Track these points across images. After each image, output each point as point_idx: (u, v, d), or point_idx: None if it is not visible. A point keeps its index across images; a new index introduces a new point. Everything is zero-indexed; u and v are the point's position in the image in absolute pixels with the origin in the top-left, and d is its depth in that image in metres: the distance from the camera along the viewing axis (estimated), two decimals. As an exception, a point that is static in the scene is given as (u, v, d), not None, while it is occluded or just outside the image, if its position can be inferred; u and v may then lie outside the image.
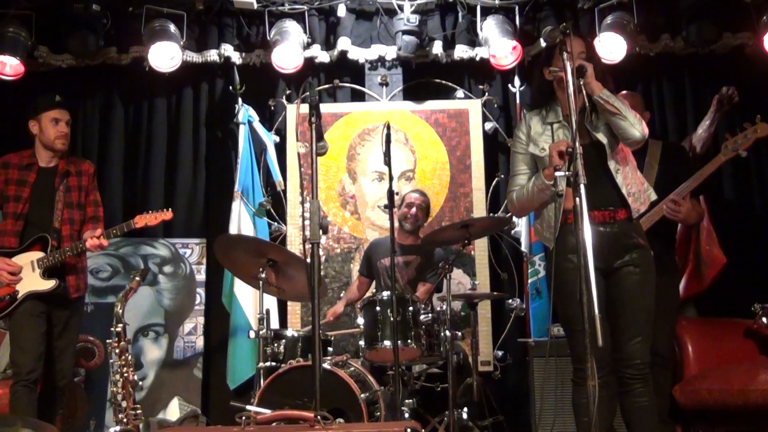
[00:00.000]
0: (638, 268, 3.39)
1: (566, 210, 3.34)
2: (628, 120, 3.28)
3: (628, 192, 3.38)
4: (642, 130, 3.31)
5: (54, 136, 4.51)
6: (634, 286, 3.37)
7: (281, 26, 6.02)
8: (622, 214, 3.39)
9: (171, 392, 5.87)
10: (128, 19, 6.08)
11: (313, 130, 3.22)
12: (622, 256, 3.39)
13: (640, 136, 3.32)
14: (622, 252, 3.39)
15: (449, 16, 6.30)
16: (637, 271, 3.38)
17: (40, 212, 4.49)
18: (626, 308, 3.37)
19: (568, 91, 2.93)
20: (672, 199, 4.27)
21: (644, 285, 3.39)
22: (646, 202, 3.48)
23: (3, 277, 4.31)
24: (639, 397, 3.35)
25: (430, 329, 4.56)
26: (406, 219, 5.43)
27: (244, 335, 5.66)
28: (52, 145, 4.53)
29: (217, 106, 6.47)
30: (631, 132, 3.29)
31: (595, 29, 5.95)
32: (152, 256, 6.12)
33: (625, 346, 3.35)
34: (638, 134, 3.31)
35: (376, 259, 5.46)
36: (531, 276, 5.93)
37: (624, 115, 3.27)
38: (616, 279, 3.40)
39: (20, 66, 5.90)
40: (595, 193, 3.28)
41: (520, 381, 5.72)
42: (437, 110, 6.32)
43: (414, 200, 5.48)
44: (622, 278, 3.39)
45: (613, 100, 3.30)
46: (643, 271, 3.40)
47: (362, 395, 4.10)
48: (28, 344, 4.31)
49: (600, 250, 3.23)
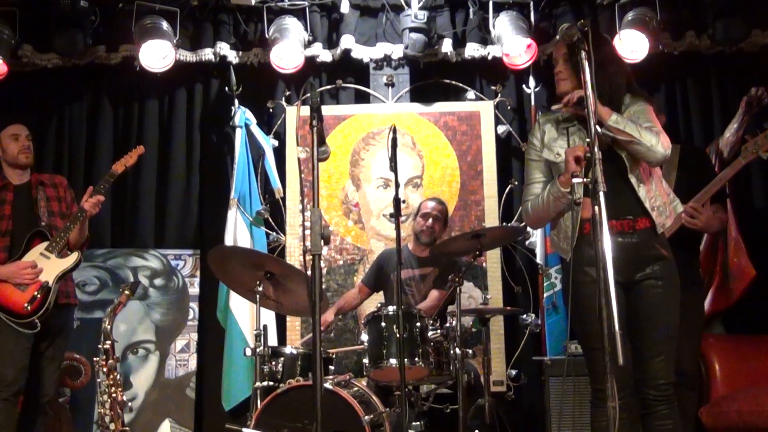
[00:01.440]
0: (661, 281, 3.36)
1: (583, 219, 3.34)
2: (643, 144, 3.22)
3: (652, 206, 3.36)
4: (662, 149, 3.26)
5: (17, 150, 4.69)
6: (657, 301, 3.35)
7: (281, 23, 6.03)
8: (642, 224, 3.37)
9: (162, 414, 5.87)
10: (118, 16, 6.12)
11: (315, 133, 3.23)
12: (643, 269, 3.36)
13: (662, 157, 3.28)
14: (642, 264, 3.36)
15: (459, 12, 6.31)
16: (659, 284, 3.35)
17: (24, 225, 4.61)
18: (648, 324, 3.34)
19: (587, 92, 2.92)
20: (690, 206, 4.25)
21: (667, 299, 3.37)
22: (672, 215, 3.45)
23: (26, 276, 4.43)
24: (663, 419, 3.32)
25: (439, 347, 4.55)
26: (422, 231, 5.40)
27: (239, 353, 5.62)
28: (16, 160, 4.70)
29: (212, 108, 6.48)
30: (649, 156, 3.26)
31: (616, 26, 5.96)
32: (142, 268, 6.13)
33: (647, 366, 3.33)
34: (659, 156, 3.27)
35: (390, 270, 5.43)
36: (547, 290, 5.93)
37: (638, 140, 3.22)
38: (637, 293, 3.37)
39: (3, 66, 5.92)
40: (613, 201, 3.26)
41: (535, 402, 5.71)
42: (447, 113, 6.33)
43: (430, 210, 5.45)
44: (643, 292, 3.36)
45: (623, 125, 3.23)
46: (666, 285, 3.37)
47: (366, 417, 4.09)
48: (11, 354, 4.38)
49: (619, 262, 3.21)
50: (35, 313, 4.39)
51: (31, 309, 4.40)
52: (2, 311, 4.41)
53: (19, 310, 4.39)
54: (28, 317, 4.39)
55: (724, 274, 5.28)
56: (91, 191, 4.62)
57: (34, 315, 4.39)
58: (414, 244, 5.48)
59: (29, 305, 4.40)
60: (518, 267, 6.16)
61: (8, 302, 4.41)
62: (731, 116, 5.19)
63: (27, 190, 4.70)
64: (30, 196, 4.68)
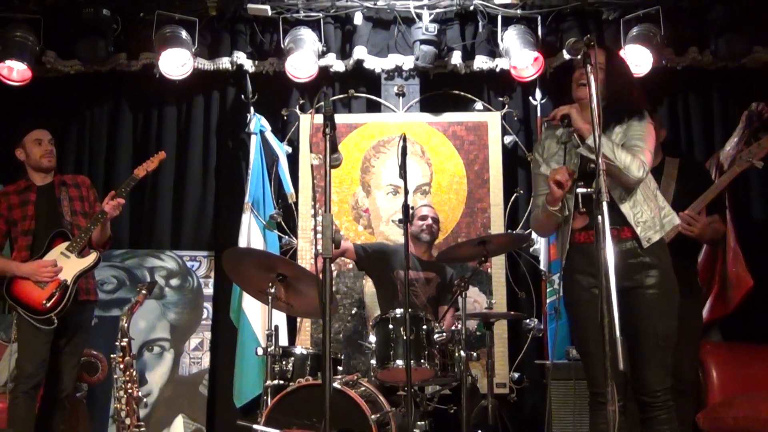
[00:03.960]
0: (651, 289, 3.34)
1: (575, 229, 3.37)
2: (615, 165, 3.20)
3: (636, 221, 3.33)
4: (635, 171, 3.23)
5: (40, 154, 4.74)
6: (646, 310, 3.33)
7: (296, 34, 6.05)
8: (627, 234, 3.36)
9: (176, 409, 5.88)
10: (139, 25, 6.14)
11: (327, 141, 3.23)
12: (631, 277, 3.34)
13: (635, 179, 3.26)
14: (631, 272, 3.33)
15: (469, 25, 6.30)
16: (649, 293, 3.33)
17: (46, 225, 4.66)
18: (638, 333, 3.33)
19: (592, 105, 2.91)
20: (687, 214, 4.24)
21: (658, 307, 3.34)
22: (663, 228, 3.40)
23: (45, 274, 4.47)
24: (661, 425, 3.31)
25: (445, 349, 4.55)
26: (422, 231, 5.44)
27: (251, 352, 5.63)
28: (39, 164, 4.75)
29: (229, 115, 6.50)
30: (622, 178, 3.26)
31: (620, 41, 5.95)
32: (159, 268, 6.15)
33: (640, 374, 3.32)
34: (632, 178, 3.25)
35: (395, 266, 5.43)
36: (550, 296, 5.91)
37: (611, 161, 3.18)
38: (627, 301, 3.31)
39: (27, 71, 5.94)
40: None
41: (537, 404, 5.71)
42: (455, 122, 6.33)
43: (427, 212, 5.53)
44: (634, 300, 3.33)
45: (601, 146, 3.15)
46: (659, 293, 3.34)
47: (373, 416, 4.09)
48: (31, 349, 4.43)
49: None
50: (53, 310, 4.42)
51: (50, 306, 4.43)
52: (22, 307, 4.45)
53: (38, 307, 4.42)
54: (45, 314, 4.42)
55: (723, 283, 5.26)
56: (113, 194, 4.66)
57: (52, 312, 4.42)
58: (415, 247, 5.48)
59: (47, 302, 4.43)
60: (522, 273, 6.15)
61: (28, 298, 4.45)
62: (732, 130, 5.18)
63: (50, 190, 4.74)
64: (53, 197, 4.71)
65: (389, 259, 5.49)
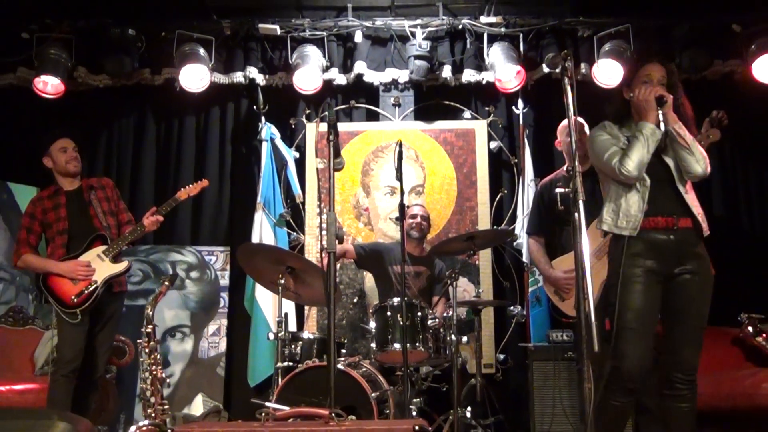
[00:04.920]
0: (697, 276, 3.31)
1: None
2: (694, 156, 3.24)
3: (697, 212, 3.33)
4: (705, 167, 3.27)
5: (65, 161, 4.70)
6: (692, 294, 3.30)
7: (302, 51, 6.05)
8: (684, 223, 3.33)
9: (195, 389, 5.88)
10: (161, 43, 6.13)
11: (331, 147, 3.23)
12: (682, 263, 3.31)
13: (702, 173, 3.28)
14: (682, 259, 3.31)
15: (458, 42, 6.30)
16: (695, 279, 3.30)
17: (79, 224, 4.64)
18: (682, 315, 3.30)
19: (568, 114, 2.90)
20: None
21: (701, 293, 3.32)
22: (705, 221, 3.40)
23: (81, 273, 4.46)
24: (684, 402, 3.29)
25: (437, 333, 4.56)
26: (412, 228, 5.43)
27: (263, 337, 5.66)
28: (65, 169, 4.71)
29: (242, 124, 6.49)
30: (694, 167, 3.26)
31: (594, 56, 5.96)
32: (180, 262, 6.14)
33: (678, 351, 3.28)
34: (700, 170, 3.27)
35: (388, 263, 5.43)
36: (531, 285, 5.91)
37: (692, 150, 3.24)
38: (674, 285, 3.32)
39: (61, 85, 5.95)
40: (659, 201, 3.29)
41: (521, 383, 5.70)
42: (446, 130, 6.33)
43: (417, 211, 5.52)
44: (680, 285, 3.31)
45: (684, 133, 3.25)
46: (702, 280, 3.32)
47: (373, 394, 4.09)
48: (70, 337, 4.42)
49: (660, 256, 3.21)
50: (79, 306, 4.42)
51: (78, 302, 4.43)
52: (53, 298, 4.45)
53: (67, 301, 4.43)
54: (72, 308, 4.41)
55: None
56: (153, 211, 4.66)
57: (78, 307, 4.41)
58: (407, 243, 5.46)
59: (76, 298, 4.43)
60: (507, 265, 6.15)
61: (60, 291, 4.45)
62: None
63: (79, 194, 4.72)
64: (82, 199, 4.70)
65: (384, 255, 5.49)
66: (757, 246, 6.01)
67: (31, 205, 4.71)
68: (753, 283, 5.66)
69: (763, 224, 6.23)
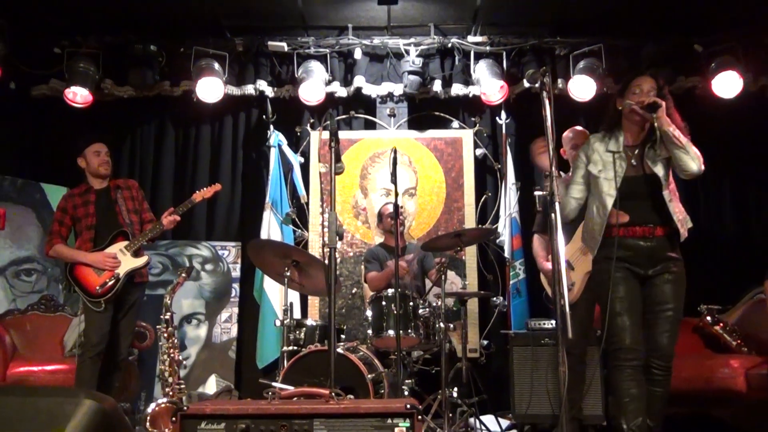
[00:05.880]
0: (671, 275, 3.31)
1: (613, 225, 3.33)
2: (689, 154, 3.22)
3: (677, 219, 3.31)
4: (700, 165, 3.25)
5: (98, 164, 4.69)
6: (667, 290, 3.30)
7: (307, 66, 6.05)
8: (660, 231, 3.32)
9: (209, 370, 5.87)
10: (180, 58, 6.13)
11: (332, 153, 3.23)
12: (656, 266, 3.31)
13: (697, 170, 3.26)
14: (657, 262, 3.31)
15: (447, 59, 6.31)
16: (670, 278, 3.30)
17: (105, 220, 4.63)
18: (659, 307, 3.29)
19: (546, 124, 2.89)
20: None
21: (676, 290, 3.31)
22: (686, 226, 3.38)
23: (108, 264, 4.46)
24: (657, 386, 3.30)
25: (427, 321, 4.56)
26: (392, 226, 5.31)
27: (271, 324, 5.66)
28: (97, 171, 4.70)
29: (253, 131, 6.49)
30: (690, 165, 3.23)
31: (570, 72, 5.96)
32: (196, 256, 6.13)
33: (657, 339, 3.27)
34: (695, 168, 3.24)
35: (382, 260, 5.43)
36: (512, 278, 5.92)
37: (687, 150, 3.21)
38: (652, 284, 3.33)
39: (89, 96, 5.95)
40: (638, 212, 3.30)
41: (502, 366, 5.70)
42: (436, 138, 6.33)
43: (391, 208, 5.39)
44: (657, 283, 3.31)
45: (679, 134, 3.23)
46: (676, 279, 3.32)
47: (369, 376, 4.10)
48: (97, 323, 4.42)
49: (638, 260, 3.23)
50: (103, 296, 4.41)
51: (101, 292, 4.42)
52: (79, 287, 4.45)
53: (91, 290, 4.42)
54: (97, 298, 4.41)
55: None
56: (171, 211, 4.65)
57: (102, 297, 4.41)
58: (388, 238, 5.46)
59: (100, 288, 4.42)
60: (490, 260, 6.15)
61: (85, 281, 4.45)
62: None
63: (107, 193, 4.71)
64: (109, 198, 4.68)
65: (379, 257, 5.48)
66: (714, 244, 6.02)
67: (63, 200, 4.70)
68: (711, 277, 5.67)
69: (720, 224, 6.25)
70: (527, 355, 5.17)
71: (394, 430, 2.16)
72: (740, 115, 6.00)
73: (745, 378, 4.13)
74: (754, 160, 6.26)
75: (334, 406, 2.21)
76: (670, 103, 3.40)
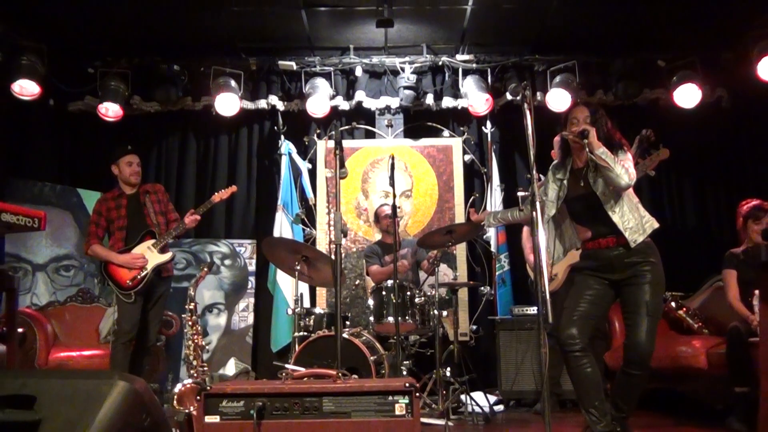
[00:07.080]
0: (642, 277, 3.20)
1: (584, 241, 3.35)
2: (614, 172, 3.13)
3: (624, 227, 3.22)
4: (627, 179, 3.15)
5: (129, 173, 4.70)
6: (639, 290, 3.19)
7: (313, 82, 6.05)
8: (620, 241, 3.23)
9: (229, 354, 5.87)
10: (200, 76, 6.13)
11: (337, 159, 3.22)
12: (625, 271, 3.23)
13: (625, 185, 3.16)
14: (625, 268, 3.22)
15: (438, 75, 6.31)
16: (642, 280, 3.19)
17: (135, 222, 4.63)
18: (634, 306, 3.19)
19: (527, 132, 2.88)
20: None
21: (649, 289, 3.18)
22: (646, 231, 3.27)
23: (137, 263, 4.47)
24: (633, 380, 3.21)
25: (423, 309, 4.55)
26: (389, 225, 5.23)
27: (283, 312, 5.67)
28: (128, 180, 4.71)
29: (266, 141, 6.48)
30: (618, 181, 3.15)
31: (547, 86, 5.96)
32: (216, 252, 6.13)
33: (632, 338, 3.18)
34: (623, 183, 3.15)
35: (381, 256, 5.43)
36: (498, 270, 5.92)
37: (612, 168, 3.13)
38: (625, 286, 3.24)
39: (119, 110, 5.95)
40: (594, 227, 3.27)
41: (489, 348, 5.71)
42: (429, 146, 6.32)
43: (388, 210, 5.27)
44: (630, 285, 3.22)
45: (606, 156, 3.14)
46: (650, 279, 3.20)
47: (372, 358, 4.10)
48: (128, 313, 4.43)
49: (607, 268, 3.23)
50: (133, 289, 4.42)
51: (132, 285, 4.43)
52: (113, 282, 4.45)
53: (123, 284, 4.44)
54: (127, 290, 4.41)
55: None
56: (192, 212, 4.66)
57: (132, 290, 4.41)
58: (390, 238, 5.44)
59: (131, 282, 4.43)
60: (478, 253, 6.15)
61: (117, 276, 4.46)
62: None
63: (137, 197, 4.71)
64: (139, 202, 4.69)
65: (379, 254, 5.47)
66: (678, 237, 6.02)
67: (98, 204, 4.70)
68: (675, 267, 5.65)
69: (682, 220, 6.26)
70: (512, 338, 5.19)
71: (395, 406, 2.15)
72: (699, 123, 6.01)
73: (705, 356, 4.12)
74: (713, 162, 6.29)
75: (341, 385, 2.20)
76: (607, 125, 3.32)
